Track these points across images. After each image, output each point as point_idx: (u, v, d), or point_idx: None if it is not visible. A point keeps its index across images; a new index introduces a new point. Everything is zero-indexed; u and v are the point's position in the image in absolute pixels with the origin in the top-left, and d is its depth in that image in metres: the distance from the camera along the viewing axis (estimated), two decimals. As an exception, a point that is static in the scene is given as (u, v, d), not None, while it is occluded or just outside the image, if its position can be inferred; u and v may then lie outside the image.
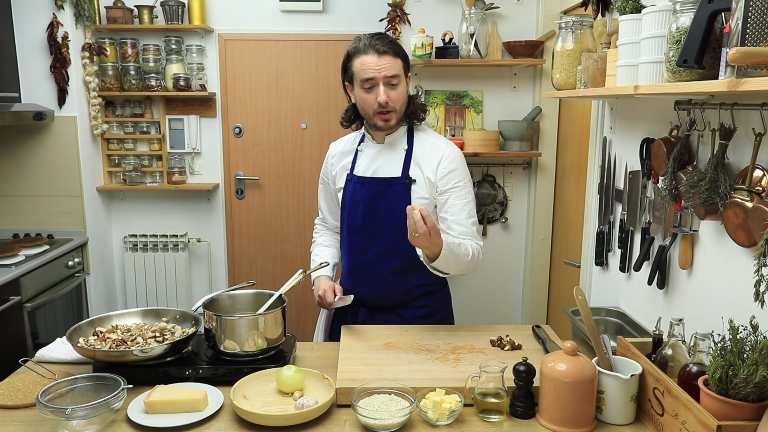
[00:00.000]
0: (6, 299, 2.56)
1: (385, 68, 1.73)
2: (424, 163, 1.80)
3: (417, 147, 1.83)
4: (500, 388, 1.34)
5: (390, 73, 1.73)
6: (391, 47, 1.75)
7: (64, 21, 3.10)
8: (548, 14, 3.11)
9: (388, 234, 1.82)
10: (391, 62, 1.74)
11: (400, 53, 1.78)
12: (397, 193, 1.80)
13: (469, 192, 1.82)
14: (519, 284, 3.48)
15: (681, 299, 1.66)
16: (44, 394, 1.30)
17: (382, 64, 1.73)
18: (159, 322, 1.67)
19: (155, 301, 3.66)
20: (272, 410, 1.35)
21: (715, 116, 1.43)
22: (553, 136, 3.25)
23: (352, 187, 1.87)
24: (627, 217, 1.95)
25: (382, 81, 1.73)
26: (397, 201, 1.80)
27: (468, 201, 1.80)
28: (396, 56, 1.75)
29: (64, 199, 3.27)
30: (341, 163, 1.94)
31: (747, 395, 1.08)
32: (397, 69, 1.75)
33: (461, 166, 1.81)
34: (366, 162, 1.87)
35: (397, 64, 1.75)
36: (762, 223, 1.19)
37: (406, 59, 1.80)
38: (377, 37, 1.76)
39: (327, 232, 2.11)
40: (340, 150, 1.96)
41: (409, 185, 1.80)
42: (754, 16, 1.06)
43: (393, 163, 1.83)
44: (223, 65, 3.57)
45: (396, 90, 1.76)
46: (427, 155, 1.81)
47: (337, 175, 1.95)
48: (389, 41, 1.76)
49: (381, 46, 1.73)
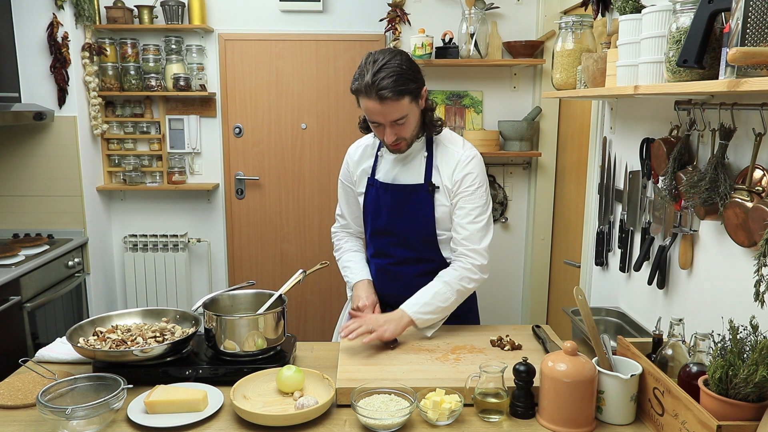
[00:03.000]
0: (6, 299, 2.56)
1: (390, 114, 1.63)
2: (443, 170, 1.77)
3: (437, 154, 1.79)
4: (500, 388, 1.34)
5: (395, 117, 1.64)
6: (393, 92, 1.58)
7: (64, 21, 3.10)
8: (548, 14, 3.11)
9: (413, 239, 1.81)
10: (395, 107, 1.61)
11: (405, 92, 1.61)
12: (420, 199, 1.78)
13: (479, 197, 1.76)
14: (519, 284, 3.48)
15: (681, 299, 1.66)
16: (44, 394, 1.30)
17: (387, 111, 1.62)
18: (159, 322, 1.67)
19: (155, 301, 3.66)
20: (272, 410, 1.35)
21: (715, 116, 1.42)
22: (553, 136, 3.25)
23: (374, 192, 1.85)
24: (627, 217, 1.95)
25: (388, 124, 1.66)
26: (420, 207, 1.78)
27: (477, 206, 1.75)
28: (400, 98, 1.60)
29: (64, 199, 3.27)
30: (361, 167, 1.90)
31: (747, 395, 1.08)
32: (404, 110, 1.63)
33: (476, 170, 1.76)
34: (387, 168, 1.83)
35: (403, 104, 1.62)
36: (762, 223, 1.19)
37: (415, 90, 1.65)
38: (381, 75, 1.57)
39: (351, 237, 2.05)
40: (360, 154, 1.92)
41: (432, 192, 1.77)
42: (754, 16, 1.06)
43: (414, 171, 1.80)
44: (223, 65, 3.57)
45: (404, 126, 1.67)
46: (446, 162, 1.77)
47: (357, 179, 1.91)
48: (394, 79, 1.58)
49: (384, 92, 1.58)
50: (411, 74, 1.63)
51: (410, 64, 1.65)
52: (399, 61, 1.61)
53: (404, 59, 1.64)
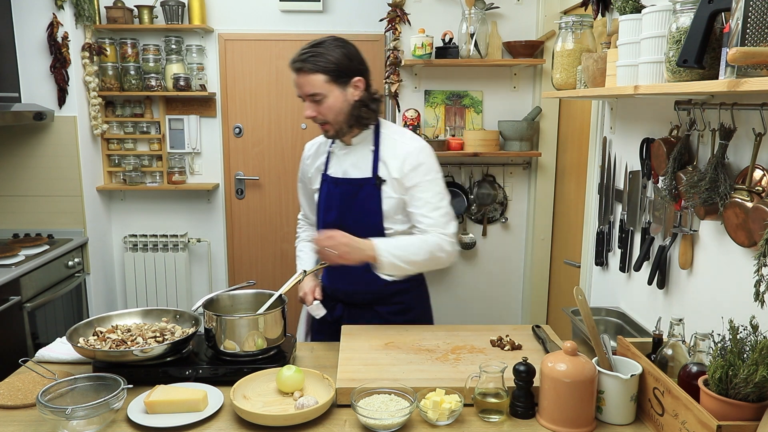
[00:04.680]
0: (6, 299, 2.56)
1: (303, 86, 1.71)
2: (390, 163, 1.79)
3: (383, 146, 1.82)
4: (500, 388, 1.34)
5: (310, 92, 1.70)
6: (305, 64, 1.68)
7: (64, 21, 3.10)
8: (548, 14, 3.11)
9: (362, 233, 1.81)
10: (307, 80, 1.69)
11: (319, 67, 1.68)
12: (368, 193, 1.81)
13: (435, 185, 1.79)
14: (519, 284, 3.48)
15: (681, 299, 1.66)
16: (44, 394, 1.30)
17: (301, 83, 1.71)
18: (159, 322, 1.67)
19: (155, 301, 3.66)
20: (272, 410, 1.35)
21: (715, 116, 1.42)
22: (553, 136, 3.25)
23: (326, 187, 1.89)
24: (627, 217, 1.95)
25: (306, 98, 1.73)
26: (368, 201, 1.81)
27: (435, 193, 1.78)
28: (312, 72, 1.68)
29: (64, 199, 3.27)
30: (315, 164, 1.96)
31: (747, 395, 1.08)
32: (317, 86, 1.69)
33: (427, 160, 1.79)
34: (337, 163, 1.88)
35: (316, 80, 1.69)
36: (762, 223, 1.19)
37: (334, 71, 1.70)
38: (301, 51, 1.70)
39: (310, 228, 2.12)
40: (314, 151, 1.99)
41: (379, 185, 1.79)
42: (754, 16, 1.06)
43: (362, 164, 1.83)
44: (223, 65, 3.57)
45: (322, 105, 1.72)
46: (393, 154, 1.80)
47: (312, 176, 1.97)
48: (309, 56, 1.68)
49: (297, 64, 1.69)
50: (334, 57, 1.70)
51: (342, 51, 1.71)
52: (328, 46, 1.70)
53: (336, 46, 1.72)
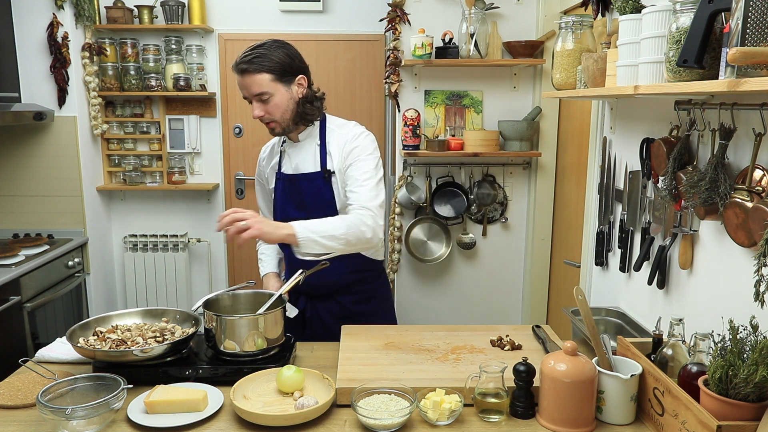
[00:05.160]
0: (6, 299, 2.56)
1: (250, 87, 1.76)
2: (334, 154, 1.86)
3: (329, 139, 1.88)
4: (500, 388, 1.34)
5: (257, 91, 1.76)
6: (251, 65, 1.74)
7: (64, 21, 3.10)
8: (548, 14, 3.11)
9: None
10: (253, 80, 1.75)
11: (264, 67, 1.74)
12: (319, 186, 1.86)
13: (365, 162, 1.82)
14: (519, 284, 3.48)
15: (681, 299, 1.66)
16: (44, 394, 1.30)
17: (246, 84, 1.76)
18: (159, 322, 1.67)
19: (155, 301, 3.66)
20: (272, 410, 1.35)
21: (715, 116, 1.42)
22: (553, 136, 3.25)
23: (281, 184, 1.94)
24: (627, 217, 1.95)
25: (253, 98, 1.78)
26: (320, 193, 1.86)
27: (363, 171, 1.80)
28: (258, 72, 1.74)
29: (64, 199, 3.27)
30: (270, 164, 2.01)
31: (747, 395, 1.08)
32: (263, 86, 1.75)
33: (362, 143, 1.84)
34: (288, 160, 1.93)
35: (262, 80, 1.75)
36: (762, 223, 1.19)
37: (278, 70, 1.76)
38: (243, 54, 1.75)
39: None
40: (268, 152, 2.04)
41: (329, 178, 1.85)
42: (754, 16, 1.06)
43: (310, 159, 1.89)
44: (223, 65, 3.57)
45: (269, 103, 1.78)
46: (336, 145, 1.86)
47: (269, 176, 2.02)
48: (255, 56, 1.74)
49: (242, 66, 1.74)
50: (277, 57, 1.77)
51: (283, 51, 1.79)
52: (270, 47, 1.77)
53: (277, 47, 1.79)
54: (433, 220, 3.26)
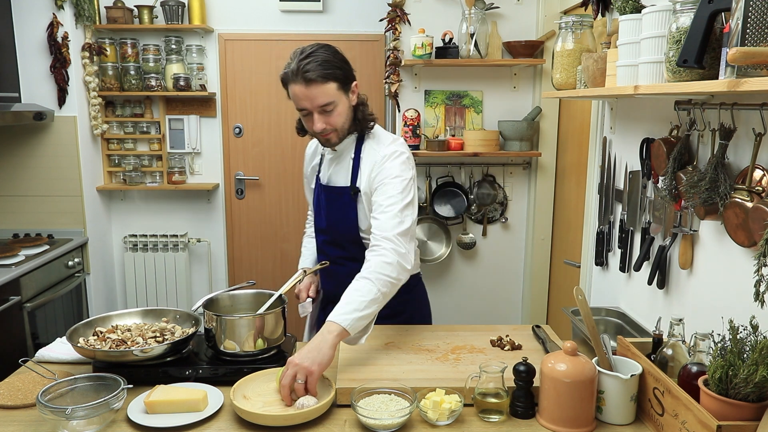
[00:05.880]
0: (6, 299, 2.56)
1: (316, 98, 1.62)
2: (364, 173, 1.75)
3: (363, 156, 1.78)
4: (500, 388, 1.34)
5: (322, 102, 1.63)
6: (319, 74, 1.59)
7: (64, 21, 3.10)
8: (548, 14, 3.11)
9: (342, 239, 1.84)
10: (321, 90, 1.61)
11: (331, 76, 1.62)
12: (345, 202, 1.79)
13: (391, 187, 1.67)
14: (519, 284, 3.48)
15: (681, 299, 1.66)
16: (44, 394, 1.30)
17: (313, 95, 1.62)
18: (159, 322, 1.67)
19: (155, 301, 3.66)
20: (272, 410, 1.35)
21: (715, 116, 1.42)
22: (553, 136, 3.25)
23: (317, 190, 1.92)
24: (627, 217, 1.95)
25: (316, 111, 1.65)
26: (345, 209, 1.80)
27: (389, 196, 1.66)
28: (326, 81, 1.61)
29: (64, 199, 3.27)
30: (312, 163, 1.99)
31: (747, 395, 1.08)
32: (330, 95, 1.63)
33: (389, 165, 1.70)
34: (326, 168, 1.89)
35: (329, 89, 1.62)
36: (762, 223, 1.19)
37: (342, 77, 1.66)
38: (307, 60, 1.60)
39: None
40: (313, 150, 2.00)
41: (356, 196, 1.77)
42: (754, 16, 1.06)
43: (343, 173, 1.81)
44: (223, 65, 3.57)
45: (332, 114, 1.67)
46: (367, 163, 1.75)
47: (309, 175, 2.01)
48: (319, 63, 1.60)
49: (309, 74, 1.59)
50: (338, 63, 1.66)
51: (337, 55, 1.68)
52: (325, 51, 1.65)
53: (331, 50, 1.67)
54: (433, 220, 3.26)
